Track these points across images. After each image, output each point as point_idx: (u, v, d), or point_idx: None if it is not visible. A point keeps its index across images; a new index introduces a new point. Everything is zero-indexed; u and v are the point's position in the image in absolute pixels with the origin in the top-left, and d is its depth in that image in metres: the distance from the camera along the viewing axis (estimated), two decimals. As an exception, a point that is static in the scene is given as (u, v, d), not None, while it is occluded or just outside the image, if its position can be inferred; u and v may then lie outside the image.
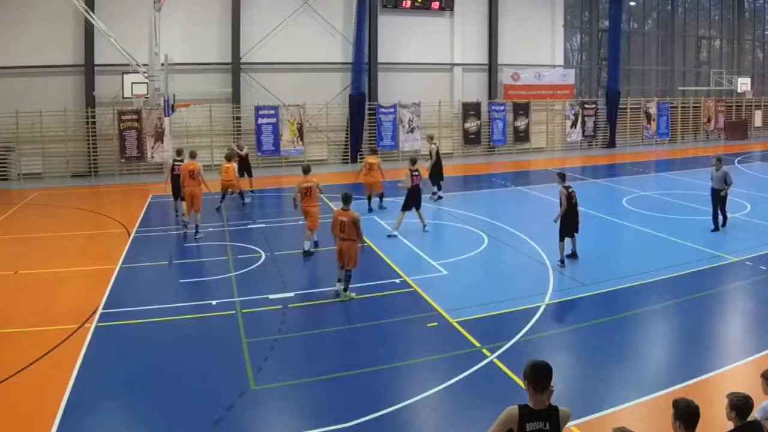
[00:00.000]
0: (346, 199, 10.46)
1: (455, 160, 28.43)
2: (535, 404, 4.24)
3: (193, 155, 15.46)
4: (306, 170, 13.50)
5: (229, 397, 7.17)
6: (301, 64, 26.65)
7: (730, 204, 14.98)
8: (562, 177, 12.28)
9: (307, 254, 12.93)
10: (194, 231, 14.57)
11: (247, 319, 9.59)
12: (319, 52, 27.04)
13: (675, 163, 26.53)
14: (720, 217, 14.48)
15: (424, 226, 14.76)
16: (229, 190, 17.52)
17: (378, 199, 17.37)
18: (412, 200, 14.69)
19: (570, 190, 12.04)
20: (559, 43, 31.90)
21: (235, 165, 17.86)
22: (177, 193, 15.97)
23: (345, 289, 10.27)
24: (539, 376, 4.25)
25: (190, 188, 14.58)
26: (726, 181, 14.22)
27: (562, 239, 11.96)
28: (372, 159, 17.23)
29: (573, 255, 12.20)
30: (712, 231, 14.31)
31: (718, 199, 14.34)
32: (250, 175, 19.82)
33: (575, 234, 12.18)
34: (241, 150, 19.90)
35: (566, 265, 11.79)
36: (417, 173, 14.90)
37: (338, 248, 10.32)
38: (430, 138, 19.26)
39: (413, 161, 15.29)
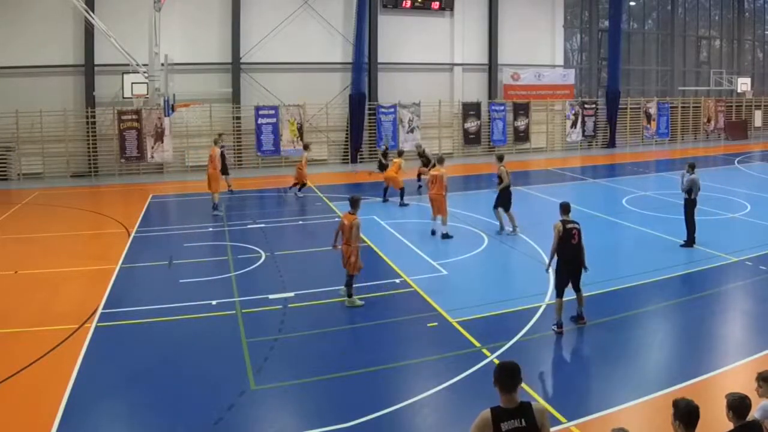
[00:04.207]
0: (352, 203, 10.36)
1: (455, 160, 28.41)
2: (506, 404, 4.27)
3: (215, 142, 18.10)
4: (439, 161, 14.79)
5: (229, 397, 7.17)
6: (301, 64, 26.66)
7: (731, 204, 14.95)
8: (563, 209, 9.33)
9: (445, 236, 14.12)
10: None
11: (247, 319, 9.59)
12: (319, 52, 27.05)
13: (675, 163, 26.51)
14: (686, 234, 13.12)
15: (515, 228, 14.47)
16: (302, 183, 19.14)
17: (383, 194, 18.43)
18: (508, 198, 14.60)
19: (569, 225, 9.02)
20: (559, 43, 31.90)
21: (306, 155, 19.43)
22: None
23: (349, 295, 10.08)
24: (509, 375, 4.28)
25: (208, 171, 17.32)
26: (682, 186, 13.08)
27: (560, 293, 8.93)
28: (397, 159, 18.39)
29: (579, 317, 9.18)
30: (682, 246, 13.09)
31: (690, 209, 13.08)
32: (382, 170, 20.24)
33: (579, 286, 9.09)
34: (386, 148, 21.28)
35: (563, 332, 8.82)
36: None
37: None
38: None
39: (500, 158, 15.20)
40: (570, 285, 9.04)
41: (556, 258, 9.15)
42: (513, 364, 4.34)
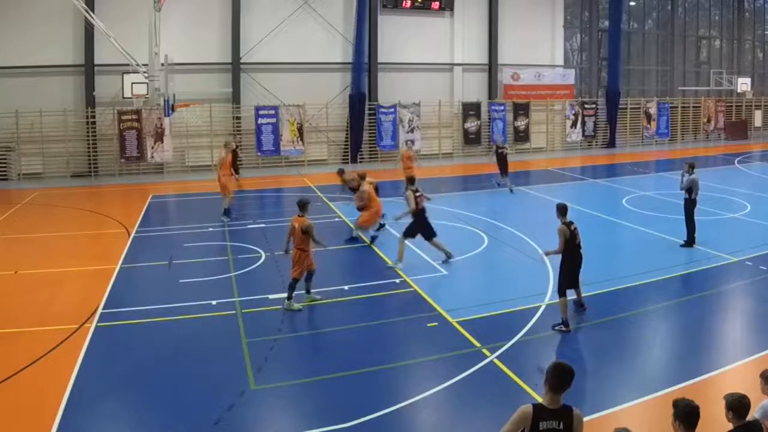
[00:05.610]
0: (301, 206, 10.19)
1: (455, 160, 28.45)
2: (549, 403, 4.27)
3: (227, 143, 17.32)
4: (361, 177, 14.17)
5: (229, 397, 7.17)
6: (301, 64, 26.66)
7: (731, 204, 14.95)
8: (562, 211, 9.31)
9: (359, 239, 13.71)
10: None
11: (247, 319, 9.59)
12: (319, 52, 27.05)
13: (675, 163, 26.50)
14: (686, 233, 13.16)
15: (448, 255, 12.32)
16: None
17: None
18: (419, 227, 12.28)
19: (573, 227, 9.19)
20: (559, 43, 31.90)
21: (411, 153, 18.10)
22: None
23: (288, 297, 9.93)
24: (561, 377, 4.28)
25: (220, 177, 16.50)
26: (682, 186, 13.17)
27: (563, 293, 9.09)
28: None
29: (580, 304, 9.66)
30: (682, 246, 13.10)
31: (690, 209, 13.10)
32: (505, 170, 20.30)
33: (578, 283, 9.44)
34: (503, 149, 20.76)
35: (570, 329, 8.99)
36: (420, 194, 12.32)
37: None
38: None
39: (412, 180, 12.66)
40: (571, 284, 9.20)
41: (560, 258, 9.22)
42: (568, 367, 4.33)
